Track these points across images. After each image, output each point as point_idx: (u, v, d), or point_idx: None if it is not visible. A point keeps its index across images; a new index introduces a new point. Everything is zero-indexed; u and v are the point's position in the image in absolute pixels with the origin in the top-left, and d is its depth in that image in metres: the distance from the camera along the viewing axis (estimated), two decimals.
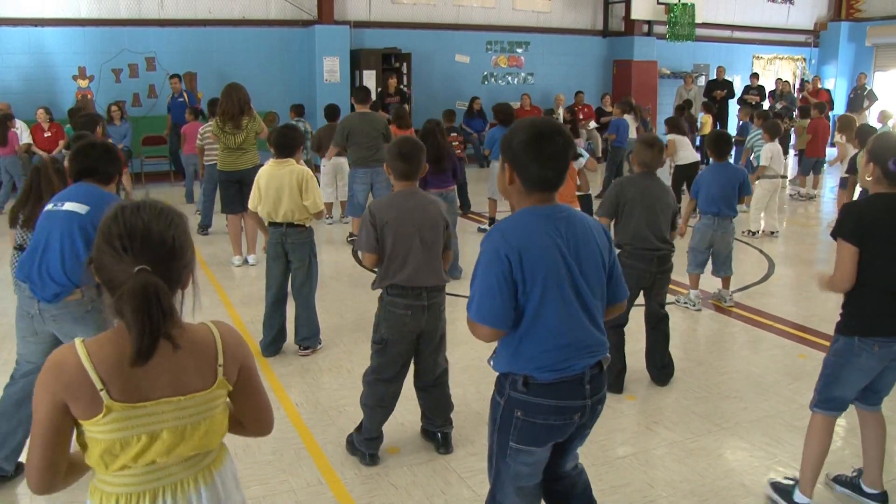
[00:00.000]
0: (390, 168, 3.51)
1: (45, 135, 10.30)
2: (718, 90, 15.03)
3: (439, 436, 3.72)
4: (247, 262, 7.33)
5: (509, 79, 15.67)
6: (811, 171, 11.25)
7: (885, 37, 17.28)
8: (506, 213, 6.68)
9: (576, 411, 2.25)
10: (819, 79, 16.46)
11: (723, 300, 6.15)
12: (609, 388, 4.29)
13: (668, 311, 4.60)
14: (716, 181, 5.94)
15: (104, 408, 1.53)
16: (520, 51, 15.67)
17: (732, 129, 14.14)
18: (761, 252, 8.00)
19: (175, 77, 11.83)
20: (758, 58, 18.17)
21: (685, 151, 9.42)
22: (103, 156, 3.31)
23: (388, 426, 3.66)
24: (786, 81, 16.09)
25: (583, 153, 6.25)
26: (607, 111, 13.26)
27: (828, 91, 15.92)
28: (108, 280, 1.54)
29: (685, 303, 6.04)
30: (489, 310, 2.18)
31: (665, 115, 15.66)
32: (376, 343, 3.54)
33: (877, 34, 17.48)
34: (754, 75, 16.01)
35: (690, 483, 3.45)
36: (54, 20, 11.67)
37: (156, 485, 1.63)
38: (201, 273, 7.10)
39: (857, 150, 7.52)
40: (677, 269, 4.66)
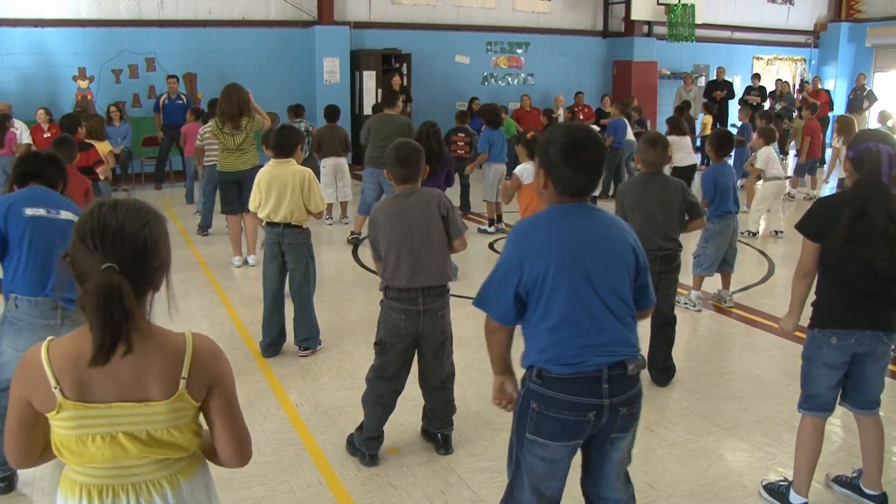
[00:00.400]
0: (390, 174, 3.52)
1: (45, 135, 10.28)
2: (718, 91, 15.04)
3: (439, 437, 3.72)
4: (247, 262, 7.33)
5: (509, 79, 15.67)
6: (807, 172, 11.25)
7: (885, 37, 17.28)
8: (506, 214, 6.56)
9: (590, 409, 2.23)
10: (819, 79, 16.46)
11: (723, 301, 6.15)
12: None
13: (674, 315, 4.58)
14: (727, 179, 5.93)
15: (57, 405, 1.57)
16: (520, 51, 15.67)
17: (732, 130, 14.14)
18: (762, 253, 8.00)
19: (173, 78, 11.79)
20: (758, 58, 18.17)
21: (682, 153, 9.41)
22: (49, 162, 3.32)
23: (388, 426, 3.66)
24: (785, 82, 16.09)
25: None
26: (607, 112, 13.24)
27: (827, 92, 15.92)
28: (79, 275, 1.55)
29: (685, 303, 6.03)
30: (488, 297, 2.30)
31: (665, 115, 15.70)
32: (376, 344, 3.57)
33: (877, 35, 17.49)
34: (755, 76, 16.01)
35: (690, 483, 3.45)
36: (54, 21, 11.67)
37: (119, 481, 1.64)
38: (201, 274, 7.10)
39: None
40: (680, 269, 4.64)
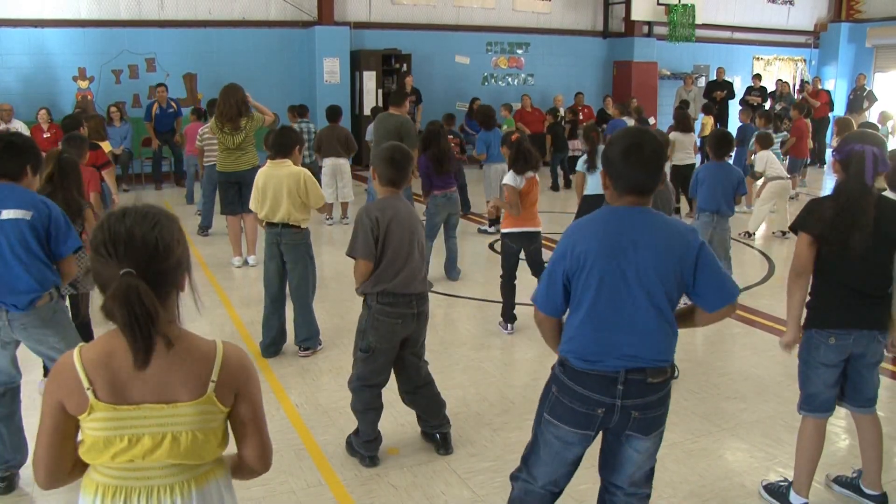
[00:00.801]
0: (377, 173, 3.45)
1: (45, 136, 10.30)
2: (718, 91, 15.03)
3: (438, 436, 3.71)
4: (247, 262, 7.33)
5: (509, 80, 15.68)
6: (799, 170, 11.31)
7: (885, 38, 17.28)
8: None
9: (599, 405, 2.31)
10: (819, 80, 16.45)
11: None
12: None
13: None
14: (715, 178, 5.92)
15: (89, 406, 1.60)
16: (520, 52, 15.68)
17: (732, 130, 14.12)
18: (762, 253, 8.00)
19: (162, 87, 11.79)
20: (758, 59, 18.17)
21: (683, 152, 9.41)
22: (3, 154, 3.20)
23: (387, 427, 3.66)
24: (785, 83, 16.09)
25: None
26: (609, 113, 13.19)
27: (828, 92, 15.93)
28: (102, 285, 1.58)
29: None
30: (539, 294, 2.43)
31: (665, 115, 15.71)
32: (363, 351, 3.49)
33: (877, 35, 17.49)
34: (756, 76, 15.99)
35: (690, 484, 3.45)
36: (54, 21, 11.68)
37: (131, 483, 1.66)
38: (201, 274, 7.10)
39: None
40: None
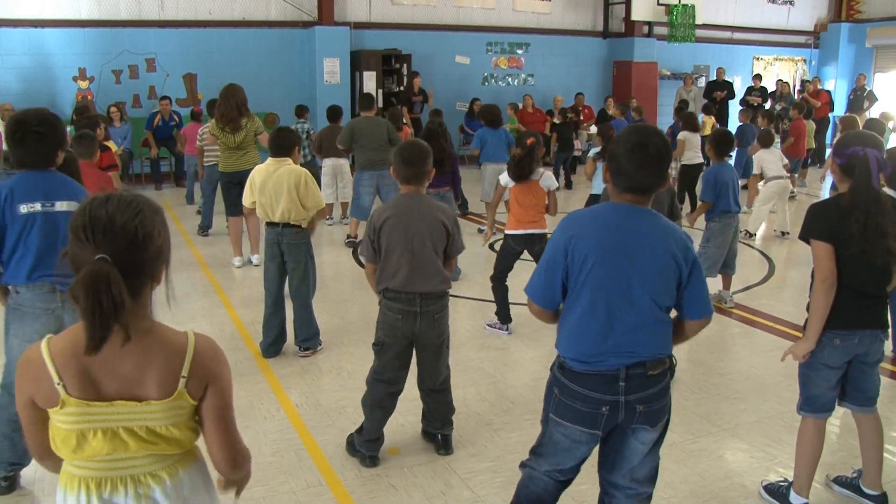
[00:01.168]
0: (395, 172, 3.52)
1: None
2: (718, 91, 15.02)
3: (439, 437, 3.72)
4: (250, 262, 7.32)
5: (509, 80, 15.67)
6: (797, 170, 11.32)
7: (886, 38, 17.28)
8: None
9: (604, 404, 2.31)
10: (819, 80, 16.45)
11: (723, 301, 6.15)
12: None
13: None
14: (726, 180, 5.91)
15: (60, 401, 1.59)
16: (520, 52, 15.67)
17: (732, 130, 14.13)
18: (762, 253, 8.00)
19: (165, 99, 11.84)
20: (758, 59, 18.17)
21: (691, 151, 9.42)
22: (35, 146, 3.10)
23: (388, 427, 3.66)
24: (785, 83, 16.09)
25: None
26: (611, 114, 13.15)
27: (828, 92, 15.93)
28: (76, 269, 1.56)
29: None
30: (536, 286, 2.42)
31: (665, 116, 15.71)
32: (375, 345, 3.57)
33: (877, 35, 17.49)
34: (757, 76, 15.98)
35: (690, 484, 3.45)
36: (54, 21, 11.67)
37: (118, 473, 1.66)
38: (201, 274, 7.10)
39: None
40: None
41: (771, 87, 15.83)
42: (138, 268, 1.58)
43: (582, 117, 14.41)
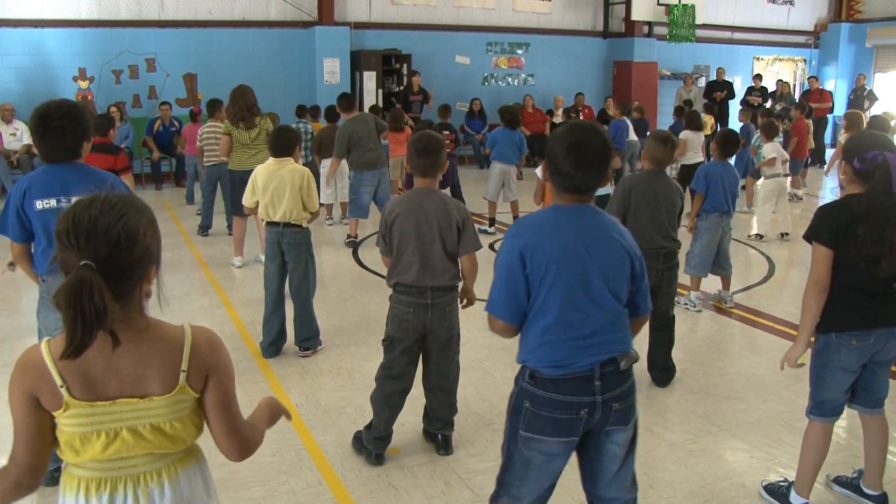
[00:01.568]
0: (409, 164, 3.53)
1: None
2: (718, 91, 15.01)
3: (440, 437, 3.72)
4: (258, 259, 7.24)
5: (510, 80, 15.67)
6: (799, 171, 11.31)
7: (886, 38, 17.28)
8: (506, 214, 6.53)
9: (582, 406, 2.25)
10: (817, 79, 16.43)
11: (723, 301, 6.15)
12: None
13: (674, 314, 4.57)
14: (721, 178, 5.91)
15: (64, 403, 1.59)
16: (520, 52, 15.67)
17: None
18: (762, 254, 8.00)
19: (166, 105, 11.87)
20: (758, 59, 18.17)
21: (693, 151, 9.42)
22: (58, 141, 3.07)
23: (394, 429, 3.65)
24: (785, 83, 16.09)
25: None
26: (611, 114, 13.13)
27: (830, 93, 15.93)
28: (65, 271, 1.55)
29: (685, 304, 6.03)
30: (499, 303, 2.29)
31: (665, 116, 15.70)
32: (385, 340, 3.58)
33: (877, 35, 17.49)
34: (757, 76, 15.98)
35: (690, 484, 3.45)
36: (54, 21, 11.68)
37: (117, 474, 1.66)
38: (201, 274, 7.10)
39: None
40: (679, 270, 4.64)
41: (771, 88, 15.83)
42: (125, 271, 1.56)
43: (582, 117, 14.41)
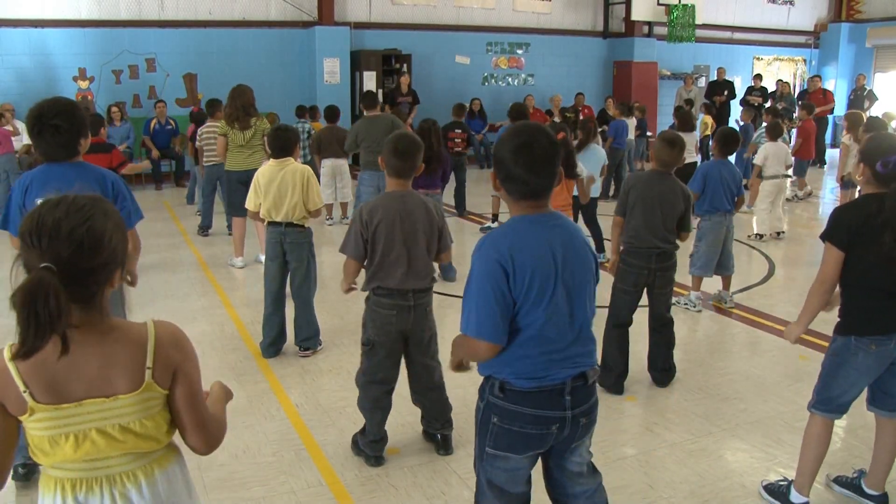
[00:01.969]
0: (385, 164, 3.45)
1: None
2: (719, 95, 14.97)
3: (439, 437, 3.71)
4: (258, 260, 7.25)
5: (510, 80, 15.67)
6: (805, 172, 11.29)
7: (886, 38, 17.28)
8: (507, 214, 6.57)
9: (553, 422, 2.19)
10: (820, 78, 16.43)
11: (723, 301, 6.15)
12: (610, 389, 4.35)
13: (672, 316, 4.56)
14: (722, 177, 5.90)
15: (28, 408, 1.57)
16: (520, 52, 15.67)
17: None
18: (762, 253, 7.99)
19: (161, 103, 11.90)
20: (758, 59, 18.17)
21: (686, 151, 9.41)
22: (53, 141, 3.06)
23: (388, 427, 3.65)
24: (785, 83, 16.09)
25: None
26: (611, 114, 13.13)
27: (832, 93, 15.93)
28: (26, 273, 1.53)
29: (686, 304, 6.03)
30: (489, 324, 2.11)
31: (665, 116, 15.70)
32: (364, 345, 3.53)
33: (877, 35, 17.49)
34: (757, 76, 15.98)
35: (691, 484, 3.45)
36: (54, 21, 11.68)
37: (93, 474, 1.66)
38: (201, 274, 7.10)
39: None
40: (679, 270, 4.63)
41: (771, 87, 15.83)
42: (88, 274, 1.54)
43: (582, 117, 14.39)
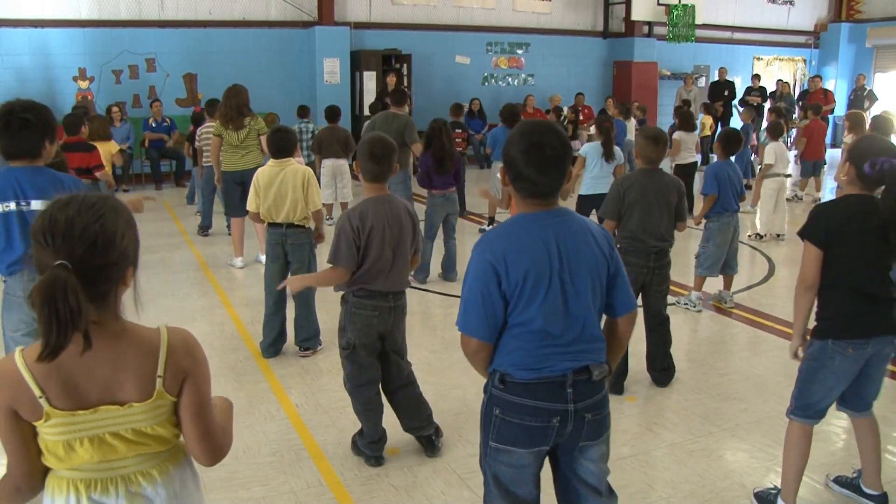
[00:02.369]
0: (361, 169, 3.41)
1: None
2: (720, 99, 14.93)
3: (423, 439, 3.70)
4: (258, 260, 7.26)
5: (510, 80, 15.67)
6: (810, 173, 11.23)
7: (886, 38, 17.28)
8: (506, 214, 6.59)
9: (554, 414, 2.17)
10: (820, 78, 16.43)
11: (723, 301, 6.15)
12: (610, 389, 4.31)
13: (668, 314, 4.57)
14: (734, 177, 5.90)
15: (44, 413, 1.56)
16: (520, 52, 15.67)
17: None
18: (762, 254, 8.00)
19: (157, 102, 11.95)
20: (758, 59, 18.18)
21: (686, 151, 9.42)
22: (20, 133, 3.02)
23: (388, 427, 3.65)
24: (785, 83, 16.10)
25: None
26: (610, 115, 13.13)
27: (832, 93, 15.93)
28: (40, 271, 1.53)
29: (686, 304, 6.03)
30: (475, 322, 2.16)
31: (665, 115, 15.71)
32: (344, 348, 3.51)
33: (877, 35, 17.49)
34: (756, 76, 16.01)
35: (691, 484, 3.45)
36: (55, 21, 11.68)
37: (108, 475, 1.65)
38: (201, 274, 7.10)
39: None
40: (679, 270, 4.63)
41: (771, 87, 15.83)
42: (101, 272, 1.54)
43: (582, 117, 14.41)
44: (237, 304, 6.17)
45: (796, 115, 14.14)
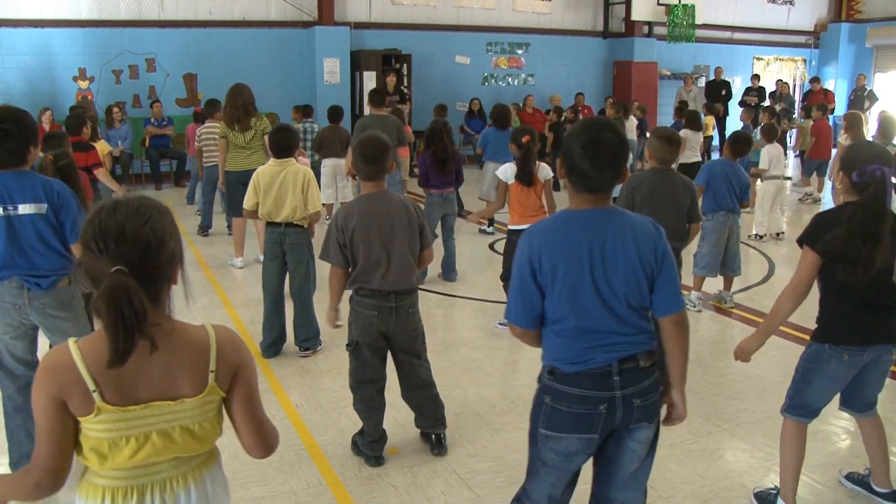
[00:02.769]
0: (355, 170, 3.46)
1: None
2: (719, 99, 14.94)
3: (433, 437, 3.71)
4: (258, 260, 7.26)
5: (510, 80, 15.68)
6: (815, 173, 11.23)
7: (886, 38, 17.29)
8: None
9: (601, 402, 2.25)
10: (819, 80, 16.45)
11: (723, 301, 6.15)
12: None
13: None
14: (732, 176, 5.91)
15: (95, 408, 1.56)
16: (520, 52, 15.68)
17: (730, 132, 14.11)
18: (762, 254, 8.00)
19: (157, 103, 11.96)
20: (758, 59, 18.18)
21: (691, 150, 9.43)
22: (2, 145, 3.02)
23: (388, 427, 3.66)
24: (785, 83, 16.10)
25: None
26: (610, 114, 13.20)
27: (832, 93, 15.93)
28: (93, 279, 1.55)
29: (686, 304, 6.01)
30: (515, 311, 2.32)
31: (665, 115, 15.72)
32: (349, 345, 3.53)
33: (877, 35, 17.49)
34: (755, 76, 16.02)
35: (691, 484, 3.45)
36: (55, 21, 11.69)
37: (144, 481, 1.65)
38: (201, 274, 7.10)
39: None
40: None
41: (771, 88, 15.83)
42: (155, 273, 1.58)
43: (581, 117, 14.42)
44: (237, 304, 6.17)
45: (797, 115, 14.15)
